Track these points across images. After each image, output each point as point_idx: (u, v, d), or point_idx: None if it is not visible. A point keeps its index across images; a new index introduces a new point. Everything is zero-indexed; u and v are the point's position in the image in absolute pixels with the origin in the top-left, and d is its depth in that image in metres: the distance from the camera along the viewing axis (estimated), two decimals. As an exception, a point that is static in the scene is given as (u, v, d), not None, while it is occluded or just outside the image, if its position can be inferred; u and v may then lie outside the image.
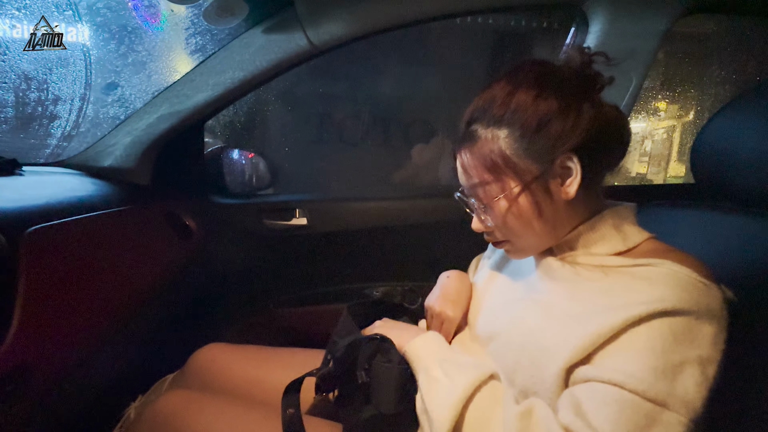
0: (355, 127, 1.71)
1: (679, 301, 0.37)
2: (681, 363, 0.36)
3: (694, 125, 1.77)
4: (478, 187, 0.47)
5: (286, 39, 0.80)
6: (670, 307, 0.37)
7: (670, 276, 0.39)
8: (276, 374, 0.67)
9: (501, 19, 1.60)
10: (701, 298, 0.38)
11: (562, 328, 0.42)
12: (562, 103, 0.42)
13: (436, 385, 0.45)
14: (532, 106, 0.42)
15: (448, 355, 0.49)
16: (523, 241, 0.48)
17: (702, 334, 0.37)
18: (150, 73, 0.92)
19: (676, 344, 0.36)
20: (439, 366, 0.46)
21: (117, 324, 0.66)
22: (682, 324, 0.36)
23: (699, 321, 0.37)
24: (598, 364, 0.38)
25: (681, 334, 0.36)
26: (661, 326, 0.37)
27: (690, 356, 0.36)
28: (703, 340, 0.37)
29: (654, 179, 1.98)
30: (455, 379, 0.44)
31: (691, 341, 0.36)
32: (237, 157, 1.10)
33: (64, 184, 0.76)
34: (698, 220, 0.57)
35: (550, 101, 0.42)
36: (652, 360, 0.36)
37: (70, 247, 0.58)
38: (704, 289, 0.38)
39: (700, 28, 1.53)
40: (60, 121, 0.94)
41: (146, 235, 0.79)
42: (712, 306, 0.38)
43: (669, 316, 0.37)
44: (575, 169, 0.42)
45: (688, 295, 0.37)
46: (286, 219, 0.98)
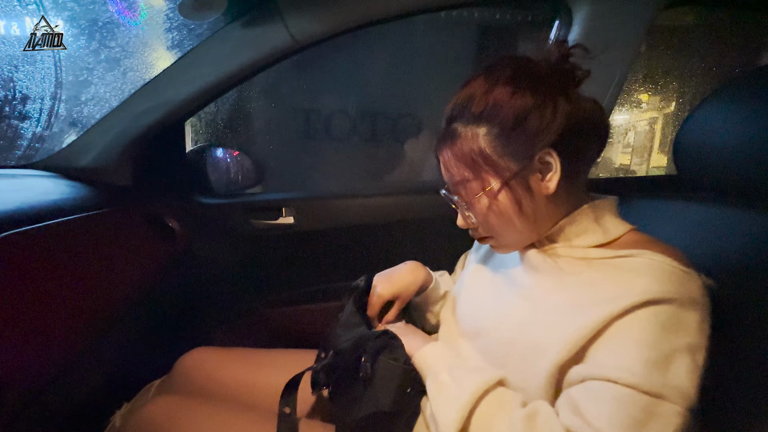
0: (341, 123, 1.69)
1: (662, 291, 0.37)
2: (672, 352, 0.36)
3: (676, 117, 1.80)
4: (459, 185, 0.47)
5: (267, 34, 0.78)
6: (654, 297, 0.37)
7: (652, 266, 0.39)
8: (265, 377, 0.66)
9: (486, 13, 1.60)
10: (683, 286, 0.38)
11: (551, 324, 0.42)
12: (538, 99, 0.42)
13: (444, 389, 0.45)
14: (508, 103, 0.42)
15: (457, 361, 0.49)
16: (506, 237, 0.48)
17: (688, 321, 0.37)
18: (125, 70, 0.89)
19: (665, 334, 0.37)
20: (447, 370, 0.46)
21: (99, 331, 0.64)
22: (668, 313, 0.37)
23: (683, 308, 0.37)
24: (590, 361, 0.39)
25: (668, 322, 0.37)
26: (648, 316, 0.37)
27: (679, 345, 0.37)
28: (689, 327, 0.37)
29: (637, 170, 2.02)
30: (462, 383, 0.44)
31: (678, 329, 0.37)
32: (221, 155, 1.08)
33: (37, 187, 0.73)
34: (680, 211, 0.58)
35: (525, 98, 0.42)
36: (644, 352, 0.36)
37: (45, 254, 0.56)
38: (685, 277, 0.39)
39: (679, 20, 1.56)
40: (30, 121, 0.90)
41: (127, 238, 0.77)
42: (694, 293, 0.39)
43: (654, 305, 0.37)
44: (555, 164, 0.43)
45: (671, 284, 0.38)
46: (273, 218, 0.97)
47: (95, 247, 0.67)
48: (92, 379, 0.70)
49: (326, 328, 0.59)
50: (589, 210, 0.46)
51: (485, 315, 0.50)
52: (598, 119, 0.45)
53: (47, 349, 0.52)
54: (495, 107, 0.43)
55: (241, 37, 0.79)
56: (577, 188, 0.48)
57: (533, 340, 0.43)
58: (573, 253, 0.46)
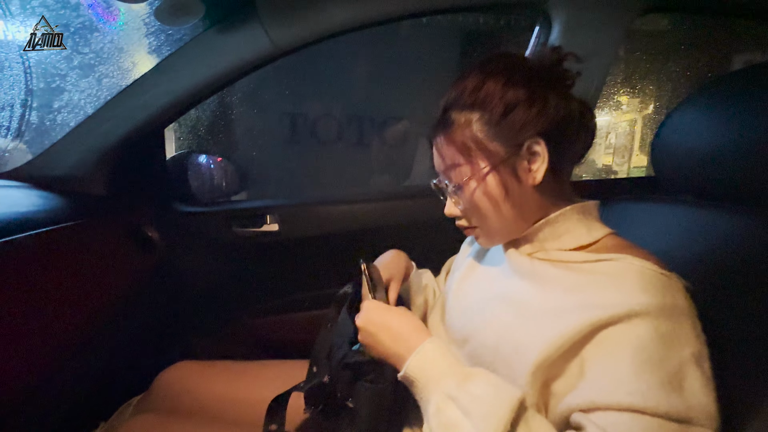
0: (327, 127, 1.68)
1: (651, 298, 0.37)
2: (680, 366, 0.35)
3: (654, 118, 1.86)
4: (451, 170, 0.48)
5: (246, 39, 0.77)
6: (644, 306, 0.36)
7: (633, 271, 0.39)
8: (250, 391, 0.65)
9: (469, 18, 1.62)
10: (668, 291, 0.38)
11: (533, 327, 0.42)
12: (529, 91, 0.44)
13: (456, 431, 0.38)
14: (500, 92, 0.44)
15: (459, 384, 0.40)
16: (492, 225, 0.48)
17: (685, 330, 0.37)
18: (100, 77, 0.86)
19: (667, 347, 0.36)
20: (454, 403, 0.39)
21: (74, 347, 0.61)
22: (664, 324, 0.36)
23: (675, 317, 0.37)
24: (594, 379, 0.37)
25: (667, 335, 0.36)
26: (646, 331, 0.36)
27: (684, 356, 0.36)
28: (688, 335, 0.37)
29: (619, 170, 2.07)
30: (480, 423, 0.37)
31: (678, 340, 0.36)
32: (204, 162, 1.05)
33: (6, 198, 0.70)
34: (658, 214, 0.59)
35: (517, 88, 0.44)
36: (655, 372, 0.35)
37: (16, 269, 0.53)
38: (667, 281, 0.39)
39: (655, 26, 1.61)
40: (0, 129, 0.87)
41: (103, 251, 0.74)
42: (680, 299, 0.39)
43: (648, 318, 0.36)
44: (542, 153, 0.44)
45: (655, 290, 0.38)
46: (257, 225, 0.95)
47: (71, 260, 0.65)
48: (66, 398, 0.67)
49: (313, 337, 0.57)
50: (572, 212, 0.47)
51: (472, 322, 0.50)
52: (587, 118, 0.47)
53: (18, 367, 0.49)
54: (488, 95, 0.45)
55: (220, 42, 0.77)
56: (562, 186, 0.49)
57: (515, 343, 0.43)
58: (556, 256, 0.46)
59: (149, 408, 0.67)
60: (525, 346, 0.41)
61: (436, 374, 0.41)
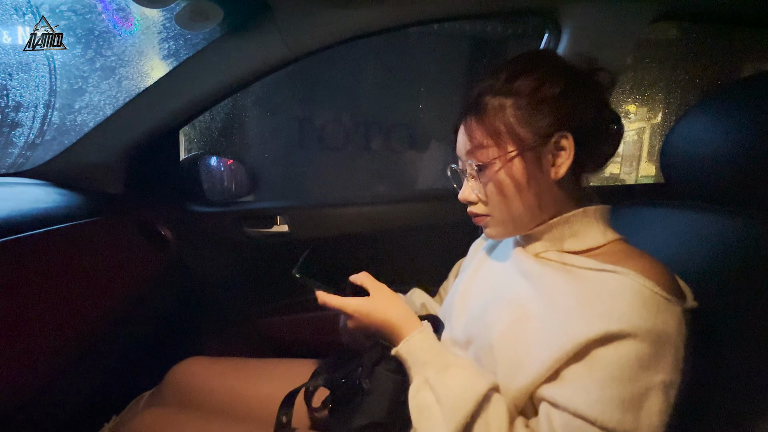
0: (336, 132, 1.70)
1: (641, 321, 0.37)
2: (646, 390, 0.37)
3: (662, 127, 1.85)
4: (477, 150, 0.48)
5: (262, 44, 0.79)
6: (634, 328, 0.37)
7: (632, 290, 0.39)
8: (257, 387, 0.65)
9: (478, 26, 1.64)
10: (660, 315, 0.38)
11: (530, 342, 0.43)
12: (567, 86, 0.45)
13: (428, 413, 0.44)
14: (539, 82, 0.45)
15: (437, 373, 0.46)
16: (505, 212, 0.49)
17: (664, 358, 0.38)
18: (120, 79, 0.89)
19: (642, 371, 0.37)
20: (431, 389, 0.45)
21: (88, 341, 0.63)
22: (647, 349, 0.37)
23: (660, 344, 0.38)
24: (565, 383, 0.40)
25: (646, 360, 0.37)
26: (627, 351, 0.37)
27: (654, 382, 0.37)
28: (666, 363, 0.38)
29: (626, 179, 2.05)
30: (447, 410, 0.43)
31: (655, 366, 0.37)
32: (215, 163, 1.07)
33: (27, 195, 0.72)
34: (667, 219, 0.59)
35: (556, 82, 0.45)
36: (620, 390, 0.37)
37: (36, 262, 0.55)
38: (664, 305, 0.39)
39: (664, 34, 1.61)
40: (23, 128, 0.89)
41: (119, 247, 0.76)
42: (671, 323, 0.39)
43: (633, 340, 0.37)
44: (568, 149, 0.45)
45: (648, 313, 0.38)
46: (267, 226, 0.96)
47: (87, 255, 0.66)
48: (80, 391, 0.68)
49: (321, 338, 0.58)
50: (586, 214, 0.47)
51: (474, 324, 0.51)
52: (616, 128, 0.49)
53: (34, 360, 0.51)
54: (527, 83, 0.45)
55: (236, 47, 0.79)
56: (579, 189, 0.49)
57: (513, 356, 0.44)
58: (561, 258, 0.47)
59: (160, 402, 0.68)
60: (522, 361, 0.43)
61: (420, 360, 0.47)
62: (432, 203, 0.98)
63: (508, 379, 0.43)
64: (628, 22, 0.82)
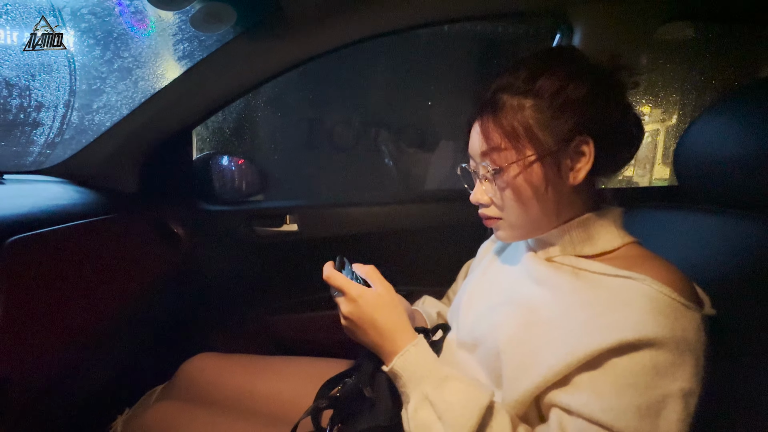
0: (345, 133, 1.71)
1: (657, 330, 0.36)
2: (663, 398, 0.36)
3: (677, 129, 1.81)
4: (493, 152, 0.46)
5: (274, 45, 0.80)
6: (649, 336, 0.36)
7: (649, 297, 0.38)
8: (267, 384, 0.66)
9: (489, 26, 1.63)
10: (679, 321, 0.37)
11: (538, 346, 0.42)
12: (592, 89, 0.43)
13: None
14: (562, 83, 0.43)
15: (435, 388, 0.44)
16: (520, 216, 0.47)
17: (683, 365, 0.37)
18: (137, 79, 0.91)
19: (659, 378, 0.36)
20: (430, 406, 0.43)
21: (103, 334, 0.64)
22: (663, 356, 0.36)
23: (679, 351, 0.36)
24: (580, 390, 0.38)
25: (663, 367, 0.36)
26: (643, 359, 0.36)
27: (672, 390, 0.36)
28: (684, 372, 0.37)
29: (640, 182, 2.02)
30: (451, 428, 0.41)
31: (673, 373, 0.36)
32: (226, 163, 1.09)
33: (47, 192, 0.74)
34: (682, 222, 0.58)
35: (581, 84, 0.43)
36: (635, 397, 0.36)
37: (54, 257, 0.57)
38: (682, 311, 0.38)
39: (679, 34, 1.58)
40: (43, 128, 0.92)
41: (133, 244, 0.78)
42: (690, 333, 0.37)
43: (650, 348, 0.36)
44: (588, 154, 0.43)
45: (667, 321, 0.37)
46: (277, 225, 0.98)
47: (102, 251, 0.68)
48: (94, 383, 0.70)
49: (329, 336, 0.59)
50: (596, 217, 0.46)
51: (481, 327, 0.50)
52: (637, 132, 0.47)
53: (52, 350, 0.52)
54: (548, 84, 0.43)
55: (249, 48, 0.81)
56: (593, 191, 0.48)
57: (520, 359, 0.43)
58: (575, 262, 0.46)
59: (171, 396, 0.70)
60: (528, 365, 0.42)
61: (417, 376, 0.44)
62: (441, 204, 0.98)
63: (513, 382, 0.43)
64: (641, 22, 0.81)
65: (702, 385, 0.38)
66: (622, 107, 0.45)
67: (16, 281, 0.48)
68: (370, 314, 0.47)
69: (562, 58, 0.45)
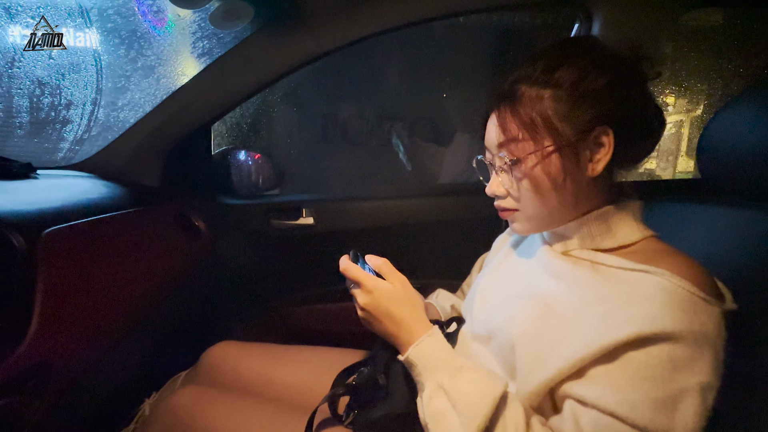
0: (360, 127, 1.72)
1: (675, 323, 0.36)
2: (681, 392, 0.35)
3: (702, 120, 1.75)
4: (510, 143, 0.45)
5: (291, 41, 0.81)
6: (666, 330, 0.36)
7: (668, 291, 0.37)
8: (285, 372, 0.68)
9: (505, 17, 1.60)
10: (699, 318, 0.36)
11: (554, 339, 0.42)
12: (612, 79, 0.42)
13: (444, 420, 0.43)
14: (582, 73, 0.42)
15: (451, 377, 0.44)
16: (535, 209, 0.46)
17: (702, 360, 0.36)
18: (159, 77, 0.94)
19: (676, 372, 0.36)
20: (445, 394, 0.43)
21: (132, 322, 0.67)
22: (682, 350, 0.36)
23: (697, 345, 0.36)
24: (595, 382, 0.38)
25: (680, 361, 0.36)
26: (660, 353, 0.36)
27: (690, 384, 0.36)
28: (703, 366, 0.36)
29: (662, 175, 1.96)
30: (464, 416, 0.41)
31: (691, 367, 0.36)
32: (243, 158, 1.11)
33: (77, 186, 0.78)
34: (703, 215, 0.57)
35: (601, 74, 0.42)
36: (652, 390, 0.36)
37: (85, 248, 0.60)
38: (702, 305, 0.37)
39: (706, 21, 1.52)
40: (72, 125, 0.96)
41: (157, 236, 0.81)
42: (710, 327, 0.37)
43: (668, 342, 0.36)
44: (608, 145, 0.43)
45: (685, 315, 0.36)
46: (293, 218, 1.00)
47: (129, 243, 0.71)
48: (124, 368, 0.74)
49: (344, 328, 0.60)
50: (614, 210, 0.46)
51: (496, 319, 0.50)
52: (658, 124, 0.46)
53: (87, 336, 0.55)
54: (567, 75, 0.42)
55: (266, 44, 0.82)
56: (611, 183, 0.47)
57: (535, 351, 0.43)
58: (592, 256, 0.45)
59: (195, 381, 0.73)
60: (544, 357, 0.42)
61: (432, 365, 0.45)
62: (456, 197, 0.98)
63: (527, 374, 0.43)
64: (665, 9, 0.78)
65: (721, 380, 0.37)
66: (643, 98, 0.44)
67: (53, 270, 0.51)
68: (385, 305, 0.47)
69: (581, 47, 0.44)
